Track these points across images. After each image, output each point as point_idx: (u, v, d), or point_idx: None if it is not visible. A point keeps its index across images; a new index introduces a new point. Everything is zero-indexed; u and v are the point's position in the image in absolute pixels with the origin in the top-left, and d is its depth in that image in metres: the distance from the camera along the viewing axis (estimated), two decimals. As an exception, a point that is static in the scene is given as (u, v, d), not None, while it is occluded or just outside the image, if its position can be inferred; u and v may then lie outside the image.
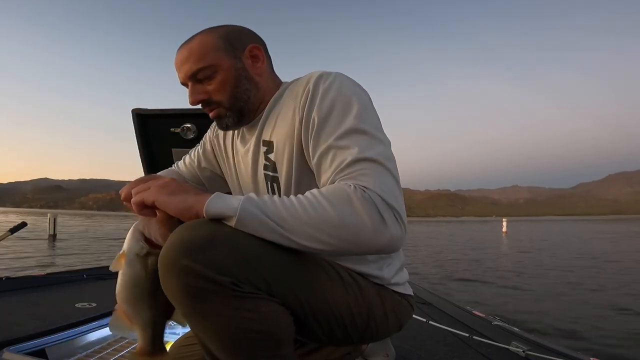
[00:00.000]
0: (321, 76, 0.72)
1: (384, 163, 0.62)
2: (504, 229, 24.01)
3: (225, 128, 0.82)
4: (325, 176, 0.66)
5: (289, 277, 0.61)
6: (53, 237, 13.58)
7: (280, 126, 0.76)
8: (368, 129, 0.66)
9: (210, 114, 0.80)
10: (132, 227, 0.68)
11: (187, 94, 0.79)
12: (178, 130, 1.75)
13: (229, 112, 0.79)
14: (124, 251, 0.66)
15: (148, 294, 0.65)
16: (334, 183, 0.62)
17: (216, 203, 0.58)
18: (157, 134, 1.80)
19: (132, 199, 0.65)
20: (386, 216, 0.57)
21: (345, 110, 0.67)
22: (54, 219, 14.90)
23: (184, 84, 0.79)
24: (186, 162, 1.02)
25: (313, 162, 0.69)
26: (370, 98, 0.74)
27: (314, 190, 0.60)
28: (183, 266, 0.54)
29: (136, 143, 1.85)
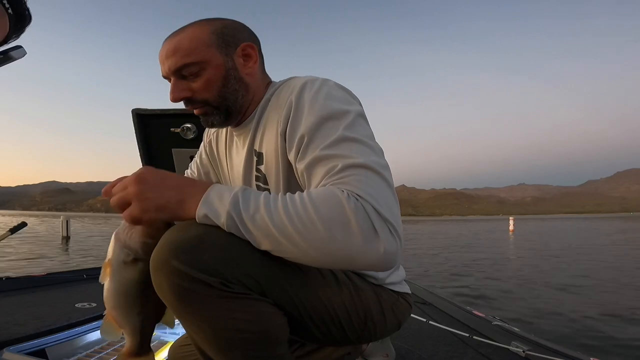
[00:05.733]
0: (304, 86, 0.68)
1: (379, 170, 0.58)
2: (511, 228, 23.80)
3: (210, 125, 0.78)
4: (313, 185, 0.61)
5: (281, 277, 0.61)
6: (66, 239, 13.56)
7: (268, 137, 0.73)
8: (359, 137, 0.62)
9: (195, 111, 0.75)
10: (114, 235, 0.66)
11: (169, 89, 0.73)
12: (178, 130, 1.75)
13: (215, 111, 0.74)
14: (109, 259, 0.65)
15: (136, 300, 0.64)
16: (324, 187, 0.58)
17: (203, 220, 0.56)
18: (157, 134, 1.80)
19: (122, 214, 0.60)
20: (380, 229, 0.53)
21: (334, 122, 0.63)
22: (67, 222, 14.93)
23: (166, 78, 0.74)
24: (188, 175, 1.00)
25: (301, 175, 0.65)
26: (361, 105, 0.70)
27: (305, 196, 0.55)
28: (172, 268, 0.54)
29: (136, 143, 1.85)
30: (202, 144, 0.97)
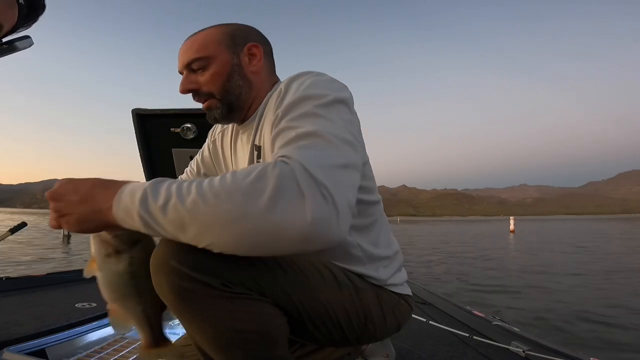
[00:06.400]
0: (296, 76, 0.70)
1: (331, 139, 0.54)
2: (512, 228, 23.82)
3: (213, 120, 0.81)
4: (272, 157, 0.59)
5: (280, 278, 0.61)
6: (67, 238, 13.54)
7: (265, 130, 0.75)
8: (329, 115, 0.59)
9: (203, 105, 0.79)
10: None
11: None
12: (178, 130, 1.74)
13: (219, 104, 0.78)
14: (93, 255, 0.65)
15: (128, 290, 0.64)
16: None
17: (126, 225, 0.53)
18: (157, 134, 1.80)
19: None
20: (308, 192, 0.46)
21: (309, 101, 0.61)
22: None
23: (181, 72, 0.79)
24: (187, 173, 1.02)
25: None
26: (351, 97, 0.68)
27: (227, 174, 0.49)
28: (171, 268, 0.54)
29: (136, 143, 1.85)
30: (205, 143, 0.99)
